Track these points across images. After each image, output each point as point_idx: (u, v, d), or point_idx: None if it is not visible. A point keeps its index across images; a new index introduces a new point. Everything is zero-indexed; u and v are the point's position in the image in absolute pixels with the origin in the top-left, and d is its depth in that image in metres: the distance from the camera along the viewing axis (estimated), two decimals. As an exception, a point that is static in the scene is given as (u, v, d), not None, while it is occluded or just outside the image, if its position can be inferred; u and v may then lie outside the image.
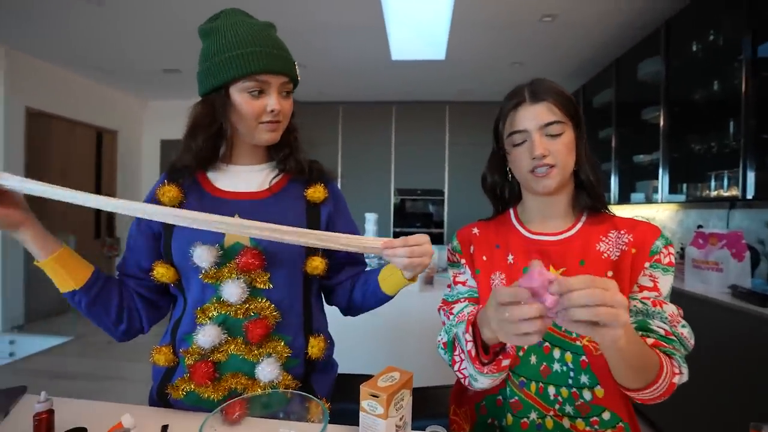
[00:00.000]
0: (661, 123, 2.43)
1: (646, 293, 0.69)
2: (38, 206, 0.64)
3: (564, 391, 0.69)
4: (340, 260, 0.88)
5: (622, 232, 0.73)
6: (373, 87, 4.59)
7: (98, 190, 4.62)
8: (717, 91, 2.08)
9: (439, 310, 0.83)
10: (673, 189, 2.40)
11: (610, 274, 0.70)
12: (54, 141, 4.04)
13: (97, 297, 0.73)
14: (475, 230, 0.85)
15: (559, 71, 3.90)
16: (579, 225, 0.76)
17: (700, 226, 2.41)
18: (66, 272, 0.69)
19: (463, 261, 0.82)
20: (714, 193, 2.10)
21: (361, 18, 2.93)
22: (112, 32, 3.24)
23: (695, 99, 2.23)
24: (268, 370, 0.72)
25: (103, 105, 4.65)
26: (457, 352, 0.69)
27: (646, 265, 0.70)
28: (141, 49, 3.58)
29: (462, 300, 0.79)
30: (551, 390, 0.69)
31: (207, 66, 0.74)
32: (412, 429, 0.61)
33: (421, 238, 0.71)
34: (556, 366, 0.69)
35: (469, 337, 0.63)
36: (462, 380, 0.70)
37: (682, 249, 2.21)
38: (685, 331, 0.66)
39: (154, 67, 4.03)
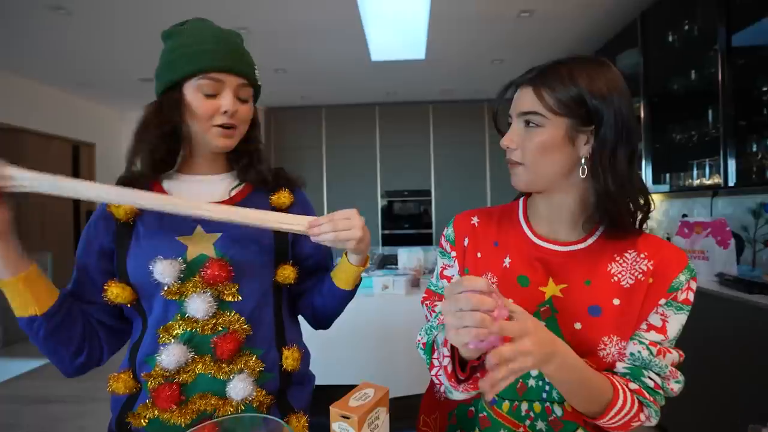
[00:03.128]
0: (642, 114, 2.44)
1: (653, 335, 0.60)
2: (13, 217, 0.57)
3: (537, 405, 0.64)
4: (307, 267, 0.83)
5: (642, 255, 0.61)
6: (354, 89, 4.55)
7: (76, 204, 4.50)
8: (694, 81, 2.09)
9: (422, 302, 0.77)
10: (657, 179, 2.40)
11: (616, 302, 0.60)
12: (27, 156, 3.91)
13: (60, 325, 0.65)
14: (475, 220, 0.74)
15: (539, 67, 3.91)
16: (592, 239, 0.64)
17: (684, 216, 2.42)
18: (31, 295, 0.62)
19: (453, 254, 0.73)
20: (697, 182, 2.10)
21: (337, 19, 2.89)
22: (83, 42, 3.15)
23: (674, 89, 2.24)
24: (240, 387, 0.67)
25: (78, 117, 4.53)
26: (435, 355, 0.62)
27: (661, 302, 0.60)
28: (114, 58, 3.49)
29: None
30: (524, 406, 0.64)
31: (162, 62, 0.72)
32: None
33: (348, 212, 0.69)
34: (532, 382, 0.64)
35: (446, 351, 0.56)
36: (437, 386, 0.64)
37: (668, 239, 2.21)
38: (676, 388, 0.61)
39: (130, 76, 3.94)
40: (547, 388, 0.64)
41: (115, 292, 0.67)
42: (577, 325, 0.60)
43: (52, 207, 4.06)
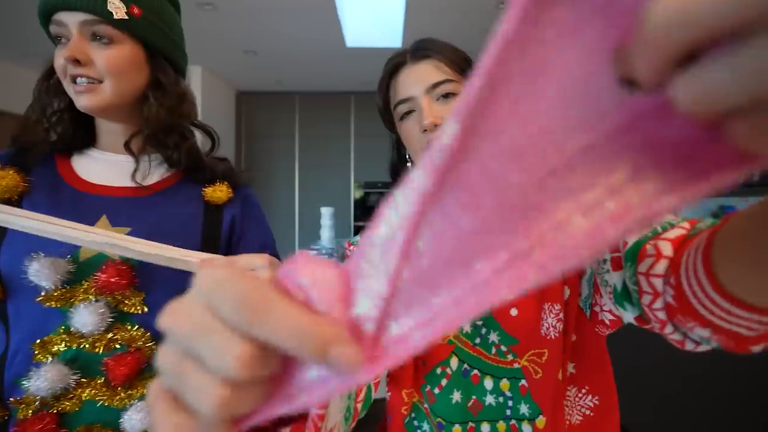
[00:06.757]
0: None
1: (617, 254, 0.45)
2: None
3: (501, 425, 0.56)
4: None
5: None
6: (329, 76, 4.42)
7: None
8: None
9: None
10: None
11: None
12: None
13: None
14: None
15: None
16: None
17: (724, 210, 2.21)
18: None
19: None
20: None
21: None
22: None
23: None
24: (137, 419, 0.54)
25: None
26: None
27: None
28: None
29: None
30: (485, 428, 0.56)
31: None
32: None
33: (257, 260, 0.50)
34: (490, 399, 0.56)
35: None
36: None
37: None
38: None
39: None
40: (510, 403, 0.56)
41: None
42: (513, 312, 0.55)
43: None
